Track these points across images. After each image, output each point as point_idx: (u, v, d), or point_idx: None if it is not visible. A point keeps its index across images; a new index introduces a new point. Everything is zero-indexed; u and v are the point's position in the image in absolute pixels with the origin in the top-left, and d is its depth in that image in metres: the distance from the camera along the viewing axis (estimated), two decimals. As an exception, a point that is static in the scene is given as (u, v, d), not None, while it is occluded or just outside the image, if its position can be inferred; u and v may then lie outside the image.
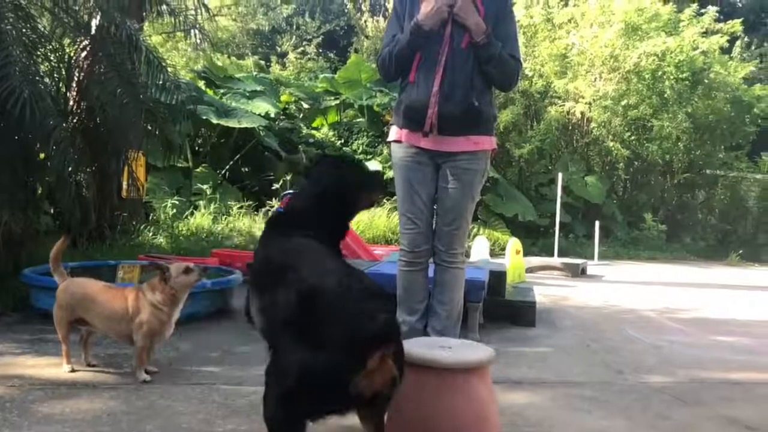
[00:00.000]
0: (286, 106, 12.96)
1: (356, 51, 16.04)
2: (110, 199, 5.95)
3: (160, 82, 5.34)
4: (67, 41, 5.40)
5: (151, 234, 6.66)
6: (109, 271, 4.74)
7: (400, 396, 2.05)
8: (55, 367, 2.86)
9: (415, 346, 2.10)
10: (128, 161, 5.57)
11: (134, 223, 6.39)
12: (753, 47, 16.79)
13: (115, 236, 5.92)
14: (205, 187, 9.19)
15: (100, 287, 2.85)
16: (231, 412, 2.41)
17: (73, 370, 2.81)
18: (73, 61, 5.41)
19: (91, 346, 2.97)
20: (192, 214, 8.20)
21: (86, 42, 5.20)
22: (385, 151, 11.08)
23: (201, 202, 8.59)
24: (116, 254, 5.42)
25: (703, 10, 13.64)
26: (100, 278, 3.26)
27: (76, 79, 5.39)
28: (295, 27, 20.00)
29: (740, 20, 14.07)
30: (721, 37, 13.30)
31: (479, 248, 7.60)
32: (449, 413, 1.96)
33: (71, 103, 5.42)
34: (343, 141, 12.34)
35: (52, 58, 5.19)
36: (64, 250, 2.98)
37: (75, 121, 5.34)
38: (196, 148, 10.90)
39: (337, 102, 13.00)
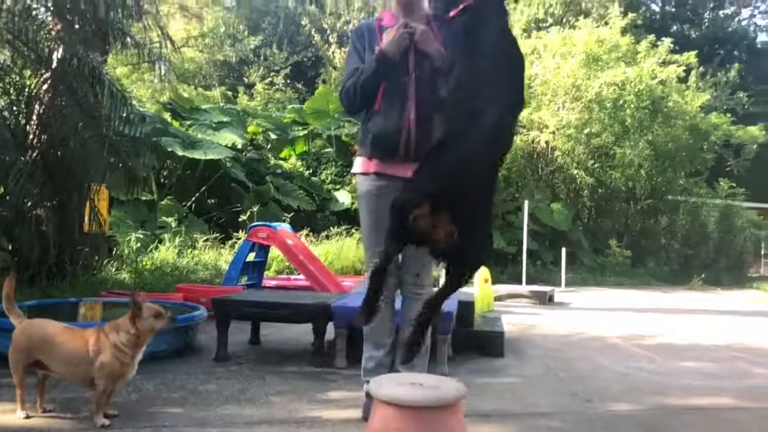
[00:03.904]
0: (254, 137, 12.92)
1: (324, 82, 16.15)
2: (71, 234, 5.81)
3: (124, 115, 5.31)
4: (27, 74, 5.34)
5: (114, 269, 6.52)
6: (69, 309, 4.62)
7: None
8: (8, 414, 2.74)
9: (386, 384, 2.07)
10: (90, 195, 5.49)
11: (96, 258, 6.25)
12: (708, 76, 17.37)
13: (76, 272, 5.79)
14: (170, 219, 9.04)
15: (60, 328, 2.76)
16: (194, 456, 2.34)
17: (27, 417, 2.69)
18: (33, 94, 5.34)
19: (48, 390, 2.87)
20: (157, 247, 8.05)
21: (47, 75, 5.15)
22: (354, 181, 11.07)
23: (166, 236, 8.44)
24: (78, 291, 5.29)
25: (658, 42, 14.11)
26: (60, 317, 3.18)
27: (36, 112, 5.32)
28: (262, 58, 20.05)
29: (695, 52, 14.60)
30: (678, 66, 13.76)
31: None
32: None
33: (31, 136, 5.34)
34: (311, 171, 12.34)
35: (11, 91, 5.13)
36: (17, 289, 2.88)
37: (35, 154, 5.25)
38: (161, 181, 10.77)
39: (305, 132, 13.03)
